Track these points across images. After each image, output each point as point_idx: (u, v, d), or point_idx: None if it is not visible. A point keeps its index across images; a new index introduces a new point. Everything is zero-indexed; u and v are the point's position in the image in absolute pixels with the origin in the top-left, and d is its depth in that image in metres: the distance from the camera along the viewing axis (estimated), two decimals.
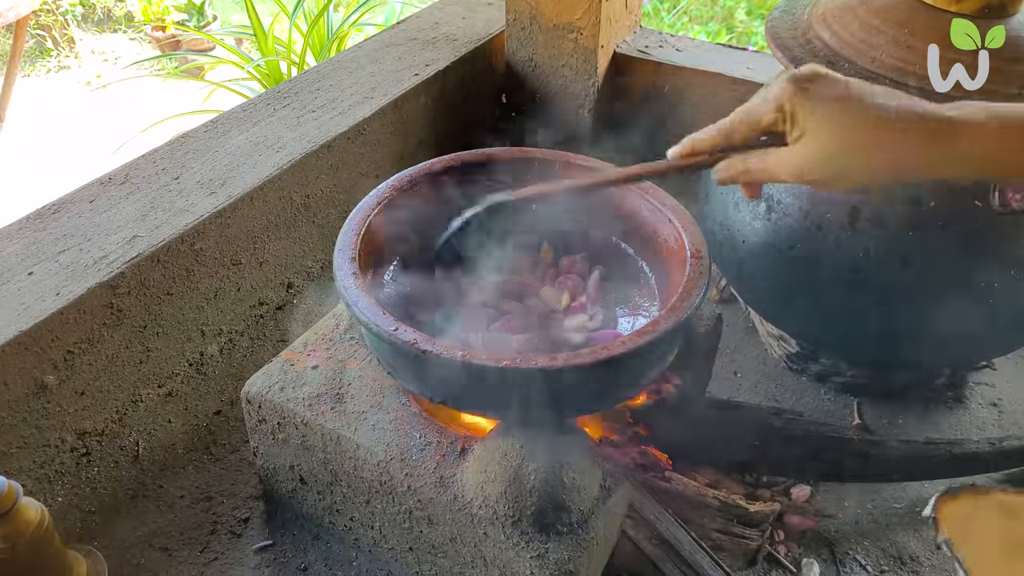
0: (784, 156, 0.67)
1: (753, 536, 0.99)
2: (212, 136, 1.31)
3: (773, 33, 1.06)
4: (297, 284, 1.35)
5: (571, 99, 1.69)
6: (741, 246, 1.11)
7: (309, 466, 0.96)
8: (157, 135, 2.28)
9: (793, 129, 0.65)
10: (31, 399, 0.95)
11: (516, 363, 0.74)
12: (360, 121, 1.37)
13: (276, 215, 1.25)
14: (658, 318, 0.79)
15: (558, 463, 0.81)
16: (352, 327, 1.01)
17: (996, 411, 1.24)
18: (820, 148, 0.64)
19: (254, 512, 1.07)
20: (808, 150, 0.65)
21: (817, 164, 0.65)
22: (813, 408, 1.23)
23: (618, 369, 0.79)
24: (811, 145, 0.64)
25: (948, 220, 0.97)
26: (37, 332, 0.93)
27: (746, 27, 3.65)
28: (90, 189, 1.17)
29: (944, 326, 1.03)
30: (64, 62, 3.71)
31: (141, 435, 1.10)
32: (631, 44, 1.70)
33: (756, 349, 1.34)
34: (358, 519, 0.96)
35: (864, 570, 1.02)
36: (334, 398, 0.92)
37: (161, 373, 1.12)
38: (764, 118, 0.67)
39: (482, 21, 1.75)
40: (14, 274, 1.00)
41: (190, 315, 1.14)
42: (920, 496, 1.11)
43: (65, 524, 1.01)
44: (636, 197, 0.96)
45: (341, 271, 0.83)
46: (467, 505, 0.83)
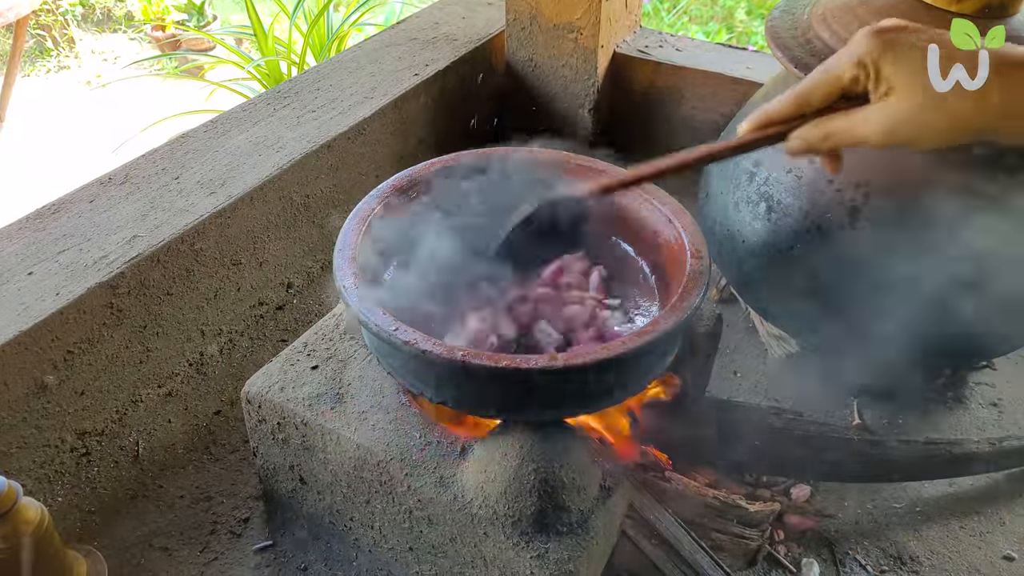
0: (872, 114, 0.61)
1: (753, 536, 0.99)
2: (212, 136, 1.31)
3: (773, 33, 1.06)
4: (297, 284, 1.35)
5: (571, 99, 1.69)
6: (741, 246, 1.11)
7: (309, 466, 0.96)
8: (157, 135, 2.28)
9: (879, 85, 0.60)
10: (31, 399, 0.95)
11: (516, 363, 0.74)
12: (360, 121, 1.37)
13: (276, 215, 1.25)
14: (658, 318, 0.79)
15: (558, 463, 0.81)
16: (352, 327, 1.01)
17: (996, 411, 1.24)
18: (913, 102, 0.59)
19: (254, 512, 1.07)
20: (900, 106, 0.59)
21: (911, 120, 0.59)
22: (813, 408, 1.23)
23: (618, 369, 0.79)
24: (903, 100, 0.59)
25: (948, 220, 0.97)
26: (37, 332, 0.93)
27: (746, 27, 3.65)
28: (90, 189, 1.17)
29: (944, 326, 1.03)
30: (64, 62, 3.72)
31: (141, 435, 1.10)
32: (631, 44, 1.70)
33: (756, 349, 1.34)
34: (358, 519, 0.96)
35: (864, 570, 1.02)
36: (334, 398, 0.92)
37: (161, 373, 1.12)
38: (844, 75, 0.62)
39: (482, 21, 1.75)
40: (14, 274, 1.00)
41: (190, 315, 1.14)
42: (920, 496, 1.11)
43: (65, 524, 1.01)
44: (636, 197, 0.96)
45: (341, 271, 0.83)
46: (467, 505, 0.83)
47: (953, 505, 1.11)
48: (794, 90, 0.65)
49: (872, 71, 0.61)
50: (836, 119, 0.64)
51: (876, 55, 0.60)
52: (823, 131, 0.64)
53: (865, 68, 0.61)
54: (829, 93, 0.64)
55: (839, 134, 0.63)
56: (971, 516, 1.09)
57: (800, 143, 0.66)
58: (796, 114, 0.66)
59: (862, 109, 0.62)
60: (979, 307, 1.02)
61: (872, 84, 0.61)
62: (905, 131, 0.60)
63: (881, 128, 0.61)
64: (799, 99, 0.65)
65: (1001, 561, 1.04)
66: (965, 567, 1.03)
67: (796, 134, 0.66)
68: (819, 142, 0.65)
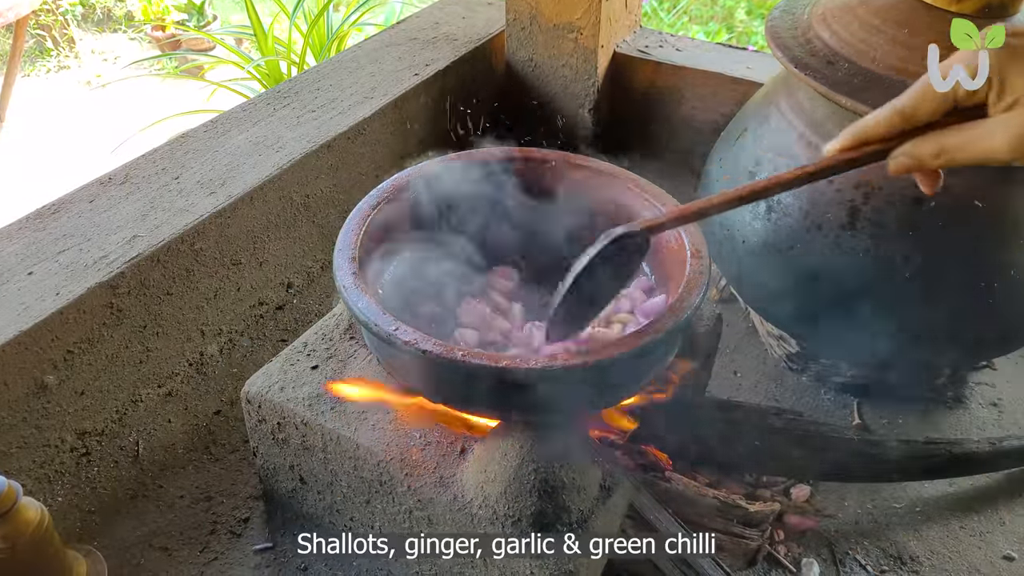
0: (997, 127, 0.55)
1: (753, 536, 0.99)
2: (212, 136, 1.31)
3: (773, 33, 1.06)
4: (297, 284, 1.35)
5: (571, 99, 1.69)
6: (741, 246, 1.11)
7: (309, 466, 0.96)
8: (157, 135, 2.28)
9: (1003, 96, 0.55)
10: (31, 399, 0.95)
11: (515, 363, 0.74)
12: (360, 121, 1.37)
13: (276, 215, 1.25)
14: (658, 318, 0.79)
15: (558, 463, 0.81)
16: (352, 327, 1.01)
17: (996, 411, 1.24)
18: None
19: (254, 512, 1.07)
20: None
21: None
22: (813, 408, 1.23)
23: (618, 369, 0.79)
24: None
25: (948, 220, 0.97)
26: (37, 332, 0.93)
27: (746, 27, 3.65)
28: (90, 189, 1.17)
29: (944, 326, 1.03)
30: (64, 62, 3.71)
31: (141, 435, 1.10)
32: (631, 44, 1.70)
33: (756, 349, 1.34)
34: (358, 519, 0.96)
35: (864, 570, 1.02)
36: (334, 398, 0.92)
37: (161, 373, 1.12)
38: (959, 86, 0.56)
39: (482, 21, 1.75)
40: (14, 274, 1.00)
41: (190, 315, 1.14)
42: (920, 496, 1.11)
43: (65, 524, 1.01)
44: (635, 196, 0.96)
45: (341, 271, 0.83)
46: (467, 505, 0.83)
47: (953, 505, 1.11)
48: (895, 105, 0.60)
49: (996, 81, 0.56)
50: (950, 134, 0.58)
51: (999, 64, 0.55)
52: (937, 146, 0.58)
53: (988, 78, 0.56)
54: (937, 108, 0.58)
55: (955, 150, 0.58)
56: (971, 516, 1.09)
57: (908, 160, 0.60)
58: (899, 130, 0.60)
59: (982, 123, 0.57)
60: (979, 307, 1.02)
61: (995, 95, 0.56)
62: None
63: (1009, 142, 0.55)
64: (903, 114, 0.59)
65: (1001, 561, 1.04)
66: (965, 567, 1.03)
67: (903, 150, 0.60)
68: (931, 159, 0.59)
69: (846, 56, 0.98)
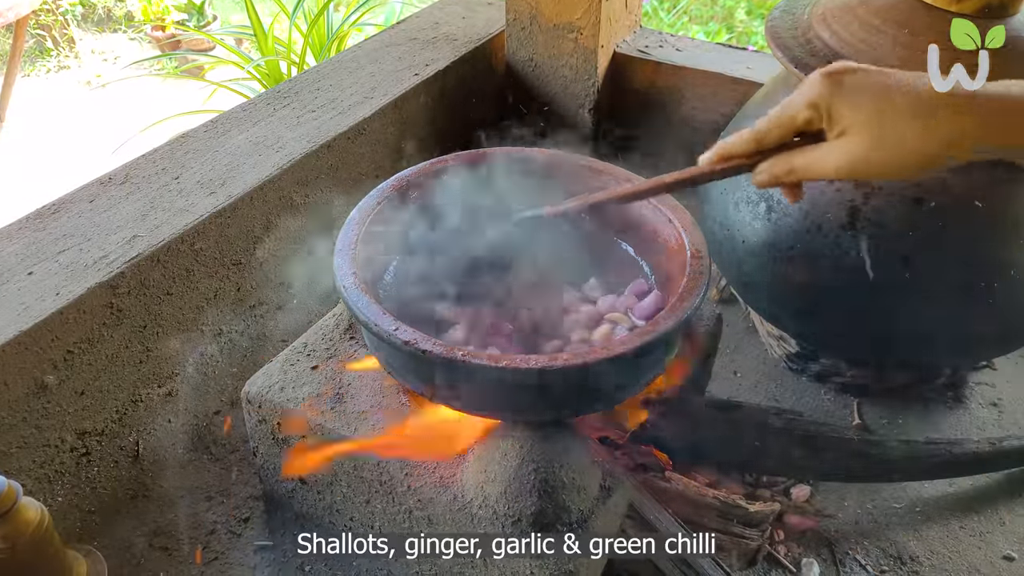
0: (831, 152, 0.65)
1: (753, 536, 0.99)
2: (212, 136, 1.31)
3: (773, 33, 1.06)
4: (297, 284, 1.35)
5: (571, 99, 1.69)
6: (741, 246, 1.11)
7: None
8: (157, 135, 2.28)
9: (833, 126, 0.64)
10: (31, 399, 0.95)
11: (515, 363, 0.74)
12: (360, 121, 1.37)
13: (276, 215, 1.25)
14: (658, 318, 0.79)
15: (558, 463, 0.81)
16: (352, 327, 1.01)
17: (996, 411, 1.24)
18: (869, 141, 0.62)
19: (254, 512, 1.07)
20: (855, 145, 0.63)
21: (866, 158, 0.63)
22: (813, 408, 1.23)
23: (617, 369, 0.79)
24: (858, 140, 0.63)
25: (948, 220, 0.97)
26: (37, 332, 0.93)
27: (746, 27, 3.65)
28: (90, 189, 1.16)
29: (944, 326, 1.03)
30: (64, 62, 3.72)
31: (141, 435, 1.10)
32: (631, 44, 1.70)
33: (756, 349, 1.34)
34: (358, 519, 0.96)
35: (864, 570, 1.02)
36: (334, 398, 0.92)
37: (161, 373, 1.12)
38: (798, 116, 0.65)
39: (482, 21, 1.75)
40: (14, 274, 1.00)
41: (190, 315, 1.14)
42: (920, 496, 1.11)
43: (65, 524, 1.01)
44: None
45: (341, 271, 0.83)
46: (467, 505, 0.83)
47: (953, 505, 1.10)
48: (752, 128, 0.69)
49: (825, 113, 0.64)
50: (797, 155, 0.67)
51: (828, 98, 0.63)
52: (788, 166, 0.68)
53: (818, 110, 0.64)
54: (783, 134, 0.68)
55: (801, 169, 0.67)
56: (971, 516, 1.09)
57: (766, 176, 0.69)
58: (754, 150, 0.69)
59: (820, 146, 0.66)
60: (979, 307, 1.02)
61: (826, 124, 0.64)
62: (862, 167, 0.64)
63: (838, 166, 0.64)
64: (756, 137, 0.69)
65: (1001, 561, 1.04)
66: (965, 567, 1.03)
67: (762, 168, 0.69)
68: (784, 176, 0.68)
69: (846, 56, 0.98)
